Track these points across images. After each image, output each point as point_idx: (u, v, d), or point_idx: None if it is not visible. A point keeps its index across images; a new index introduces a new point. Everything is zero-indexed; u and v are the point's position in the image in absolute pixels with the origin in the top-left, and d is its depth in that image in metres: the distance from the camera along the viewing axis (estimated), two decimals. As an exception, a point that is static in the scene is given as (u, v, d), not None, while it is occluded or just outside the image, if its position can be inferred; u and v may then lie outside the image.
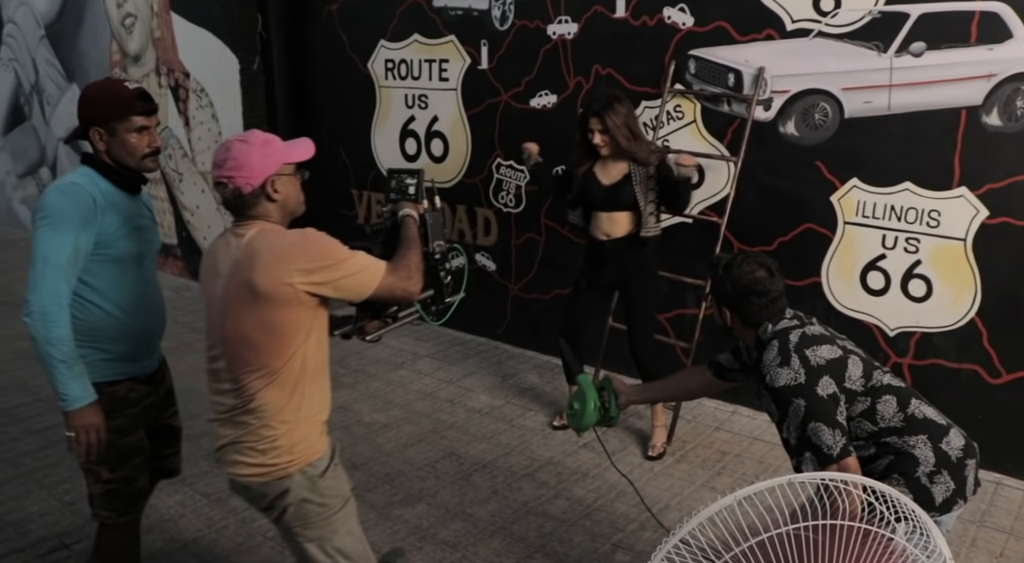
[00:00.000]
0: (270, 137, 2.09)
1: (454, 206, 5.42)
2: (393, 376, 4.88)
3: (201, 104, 6.51)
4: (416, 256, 2.14)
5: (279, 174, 2.05)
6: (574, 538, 3.21)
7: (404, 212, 2.27)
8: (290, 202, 2.10)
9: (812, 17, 3.78)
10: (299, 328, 2.00)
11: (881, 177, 3.72)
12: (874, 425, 2.12)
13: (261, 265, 1.95)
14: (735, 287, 2.24)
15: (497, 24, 4.91)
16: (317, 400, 2.09)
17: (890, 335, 3.81)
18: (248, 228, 2.04)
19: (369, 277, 2.02)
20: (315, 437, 2.10)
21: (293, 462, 2.05)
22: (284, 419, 2.03)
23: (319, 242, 1.99)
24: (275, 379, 2.01)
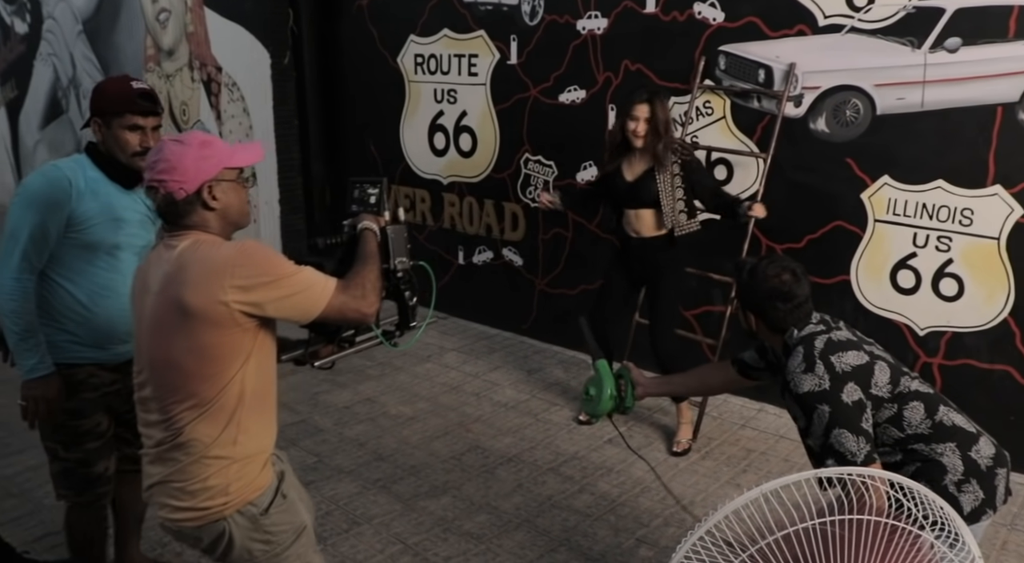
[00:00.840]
0: (210, 138, 1.91)
1: (482, 201, 5.44)
2: (419, 369, 4.91)
3: (233, 98, 6.58)
4: (373, 273, 1.93)
5: (219, 179, 1.86)
6: (598, 532, 3.22)
7: (363, 225, 2.07)
8: (231, 211, 1.90)
9: (845, 12, 3.74)
10: (235, 353, 1.80)
11: (913, 174, 3.68)
12: (900, 432, 2.09)
13: (192, 281, 1.75)
14: (759, 292, 2.22)
15: (527, 19, 4.92)
16: (257, 433, 1.88)
17: (920, 334, 3.77)
18: (181, 239, 1.84)
19: (316, 296, 1.81)
20: (255, 473, 1.87)
21: (229, 504, 1.84)
22: (218, 455, 1.82)
23: (259, 255, 1.79)
24: (207, 410, 1.80)
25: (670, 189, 3.65)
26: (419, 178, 5.81)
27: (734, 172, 4.21)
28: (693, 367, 3.92)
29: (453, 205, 5.63)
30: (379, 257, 2.01)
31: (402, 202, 5.96)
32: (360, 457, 3.82)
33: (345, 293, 1.84)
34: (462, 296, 5.70)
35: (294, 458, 3.80)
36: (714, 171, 4.28)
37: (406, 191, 5.92)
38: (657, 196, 3.65)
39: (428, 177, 5.76)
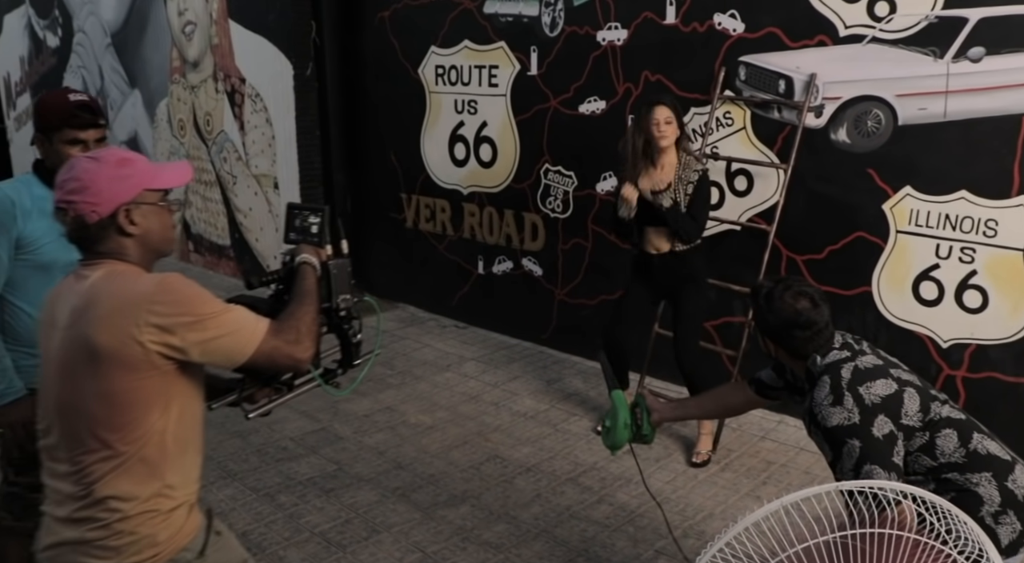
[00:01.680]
0: (130, 156, 1.72)
1: (502, 211, 5.46)
2: (439, 378, 4.92)
3: (256, 108, 6.65)
4: (309, 315, 1.75)
5: (138, 202, 1.66)
6: (616, 543, 3.21)
7: (301, 258, 1.87)
8: (152, 238, 1.70)
9: (866, 23, 3.73)
10: (152, 400, 1.61)
11: (936, 185, 3.66)
12: (933, 460, 2.02)
13: (103, 317, 1.56)
14: (777, 320, 2.14)
15: (547, 30, 4.94)
16: (184, 481, 1.71)
17: (943, 347, 3.74)
18: (94, 269, 1.65)
19: (244, 340, 1.64)
20: (183, 519, 1.71)
21: (160, 554, 1.67)
22: (141, 511, 1.64)
23: (182, 291, 1.60)
24: (123, 463, 1.61)
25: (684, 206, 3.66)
26: (439, 188, 5.84)
27: (754, 183, 4.20)
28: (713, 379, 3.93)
29: (473, 215, 5.66)
30: (318, 295, 1.83)
31: (423, 212, 5.99)
32: (379, 465, 3.84)
33: (277, 337, 1.68)
34: (481, 306, 5.72)
35: (314, 466, 3.82)
36: (734, 182, 4.27)
37: (426, 201, 5.95)
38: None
39: (448, 187, 5.79)
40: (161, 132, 7.85)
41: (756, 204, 4.20)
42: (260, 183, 6.78)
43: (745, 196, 4.23)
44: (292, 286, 1.83)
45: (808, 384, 2.16)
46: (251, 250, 7.05)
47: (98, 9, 8.28)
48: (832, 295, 3.95)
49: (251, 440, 4.10)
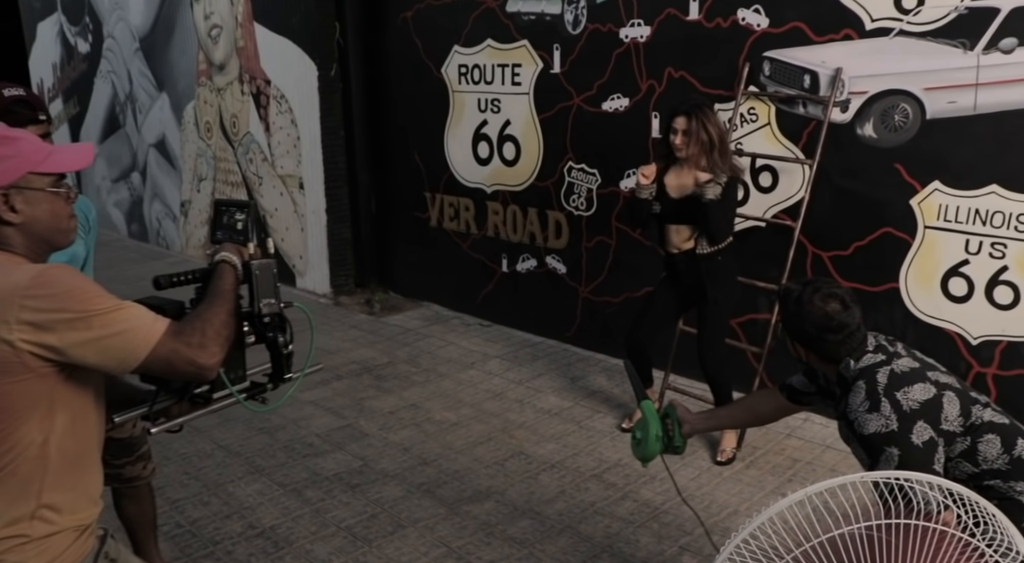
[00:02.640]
0: (13, 135, 1.51)
1: (525, 209, 5.47)
2: (464, 376, 4.94)
3: (281, 110, 6.72)
4: (218, 316, 1.54)
5: (21, 187, 1.47)
6: (641, 539, 3.20)
7: (221, 256, 1.67)
8: (38, 227, 1.50)
9: (893, 15, 3.69)
10: (26, 406, 1.42)
11: (965, 180, 3.61)
12: (975, 466, 1.96)
13: None
14: (807, 324, 2.06)
15: (570, 28, 4.94)
16: (72, 504, 1.51)
17: (973, 344, 3.69)
18: None
19: (136, 340, 1.43)
20: (62, 548, 1.51)
21: None
22: (13, 535, 1.45)
23: (62, 285, 1.40)
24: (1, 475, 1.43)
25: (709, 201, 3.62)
26: (463, 187, 5.86)
27: (779, 179, 4.17)
28: (739, 381, 3.91)
29: (497, 213, 5.67)
30: (233, 296, 1.63)
31: (446, 211, 6.02)
32: (404, 461, 3.86)
33: (177, 339, 1.46)
34: (506, 304, 5.73)
35: (340, 462, 3.85)
36: (759, 178, 4.24)
37: (450, 200, 5.98)
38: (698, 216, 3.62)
39: (472, 186, 5.81)
40: (188, 134, 7.95)
41: (781, 200, 4.17)
42: (285, 184, 6.84)
43: (770, 192, 4.20)
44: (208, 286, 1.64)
45: (841, 389, 2.09)
46: (277, 250, 7.12)
47: (127, 15, 8.40)
48: (859, 292, 3.93)
49: (278, 436, 4.14)
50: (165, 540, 3.22)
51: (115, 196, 9.53)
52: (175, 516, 3.41)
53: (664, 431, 2.39)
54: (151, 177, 8.67)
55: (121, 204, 9.43)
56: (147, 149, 8.63)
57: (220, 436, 4.14)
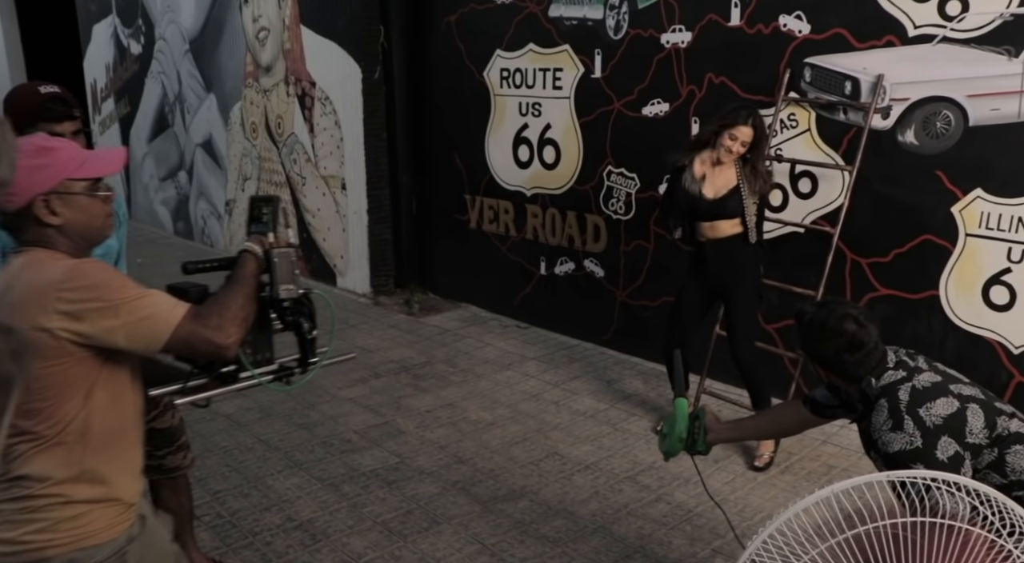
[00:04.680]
0: (52, 144, 1.64)
1: (564, 212, 5.51)
2: (500, 377, 5.00)
3: (325, 111, 6.84)
4: (236, 301, 1.67)
5: (59, 192, 1.60)
6: (673, 541, 3.23)
7: (244, 245, 1.83)
8: (76, 227, 1.64)
9: (936, 22, 3.67)
10: (69, 387, 1.57)
11: (1008, 187, 3.58)
12: (1003, 477, 1.95)
13: (15, 304, 1.55)
14: (824, 346, 2.08)
15: (611, 33, 4.98)
16: (109, 477, 1.64)
17: (1015, 353, 3.65)
18: (20, 256, 1.63)
19: (159, 324, 1.57)
20: (96, 521, 1.63)
21: (53, 543, 1.59)
22: (52, 493, 1.59)
23: (93, 277, 1.56)
24: (43, 445, 1.58)
25: (751, 202, 3.69)
26: (503, 190, 5.92)
27: (819, 185, 4.17)
28: (770, 378, 3.91)
29: (536, 216, 5.72)
30: (253, 282, 1.76)
31: (486, 213, 6.08)
32: (440, 459, 3.93)
33: (196, 321, 1.59)
34: (543, 306, 5.77)
35: (377, 458, 3.93)
36: (798, 184, 4.24)
37: (490, 202, 6.04)
38: (741, 208, 3.69)
39: (512, 189, 5.86)
40: (234, 135, 8.13)
41: (820, 206, 4.16)
42: (328, 184, 6.97)
43: (809, 198, 4.20)
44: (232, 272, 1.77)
45: (864, 407, 2.09)
46: (319, 250, 7.25)
47: (178, 17, 8.62)
48: (898, 299, 3.93)
49: (317, 432, 4.23)
50: (206, 530, 3.32)
51: (162, 194, 9.77)
52: (216, 507, 3.51)
53: (689, 433, 2.43)
54: (197, 176, 8.88)
55: (168, 202, 9.67)
56: (194, 149, 8.84)
57: (261, 431, 4.25)
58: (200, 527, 3.34)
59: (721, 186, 3.73)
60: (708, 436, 2.44)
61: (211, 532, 3.30)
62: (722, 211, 3.72)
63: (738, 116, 3.65)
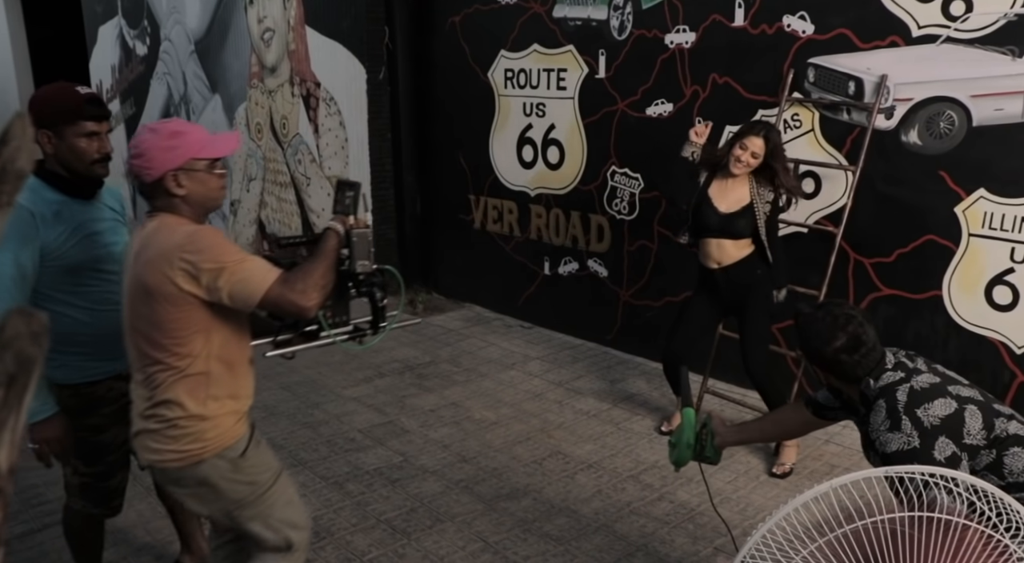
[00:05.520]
0: (182, 129, 2.00)
1: (568, 212, 5.53)
2: (504, 376, 5.01)
3: (330, 112, 6.87)
4: (318, 270, 1.98)
5: (186, 168, 1.96)
6: (676, 540, 3.23)
7: (328, 224, 2.15)
8: (196, 198, 2.00)
9: (940, 22, 3.68)
10: (191, 328, 1.94)
11: (1012, 187, 3.58)
12: (1001, 479, 1.95)
13: (149, 261, 1.91)
14: (823, 347, 2.09)
15: (615, 34, 4.99)
16: (229, 396, 2.06)
17: (1017, 353, 3.65)
18: (153, 220, 2.00)
19: (254, 285, 1.89)
20: (230, 425, 2.07)
21: (207, 448, 2.03)
22: (192, 413, 2.00)
23: (207, 242, 1.90)
24: (179, 375, 1.98)
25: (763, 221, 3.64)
26: (507, 190, 5.94)
27: (822, 185, 4.17)
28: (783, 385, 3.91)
29: (540, 217, 5.74)
30: (334, 256, 2.07)
31: (490, 213, 6.09)
32: (444, 458, 3.94)
33: (284, 285, 1.91)
34: (547, 306, 5.79)
35: (381, 457, 3.95)
36: (802, 184, 4.25)
37: (494, 202, 6.05)
38: (754, 228, 3.64)
39: (516, 189, 5.88)
40: (239, 135, 8.16)
41: (823, 206, 4.17)
42: (333, 184, 6.98)
43: (813, 198, 4.20)
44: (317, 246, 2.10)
45: (864, 408, 2.11)
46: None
47: (183, 18, 8.65)
48: (901, 299, 3.94)
49: (321, 431, 4.25)
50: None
51: (169, 195, 9.80)
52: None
53: (697, 441, 2.45)
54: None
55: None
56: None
57: (265, 429, 4.27)
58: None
59: (734, 202, 3.65)
60: (716, 440, 2.46)
61: (216, 529, 3.32)
62: (731, 228, 3.64)
63: (751, 128, 3.60)
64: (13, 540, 3.26)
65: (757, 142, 3.54)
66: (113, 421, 2.48)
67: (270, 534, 2.19)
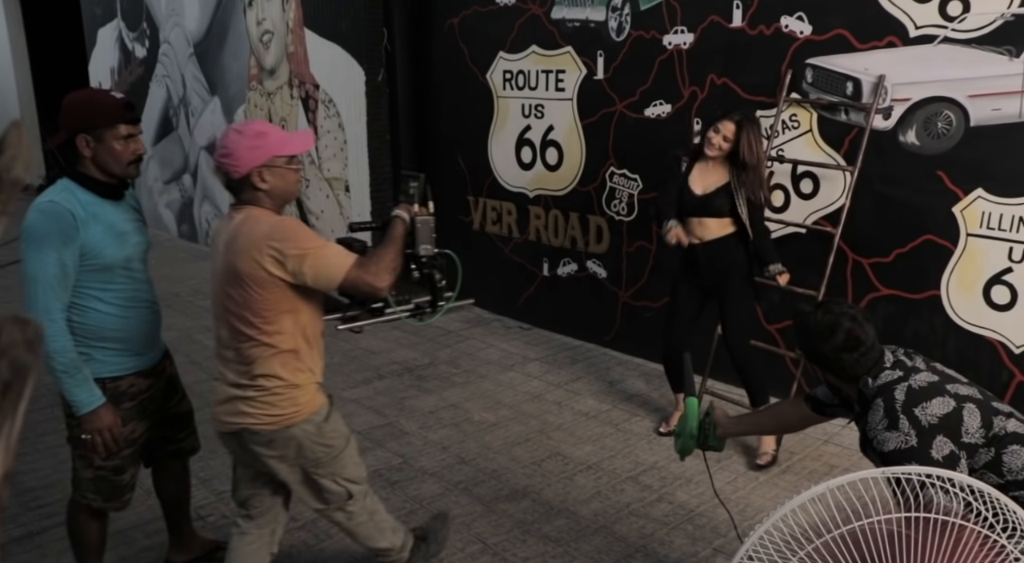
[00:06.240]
0: (265, 130, 2.24)
1: (567, 214, 5.53)
2: (503, 377, 5.01)
3: (329, 114, 6.87)
4: (389, 255, 2.24)
5: (268, 165, 2.20)
6: (675, 541, 3.23)
7: (395, 212, 2.38)
8: (277, 191, 2.25)
9: (938, 23, 3.68)
10: (280, 308, 2.20)
11: (1010, 187, 3.59)
12: (1000, 477, 1.95)
13: (240, 250, 2.16)
14: (822, 346, 2.10)
15: (613, 35, 5.00)
16: (310, 367, 2.33)
17: (1016, 352, 3.66)
18: (239, 212, 2.24)
19: (334, 269, 2.16)
20: (312, 394, 2.35)
21: (298, 413, 2.31)
22: (290, 382, 2.28)
23: (292, 231, 2.17)
24: (276, 351, 2.25)
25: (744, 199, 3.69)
26: (506, 191, 5.94)
27: (820, 186, 4.18)
28: (766, 375, 3.92)
29: (539, 218, 5.74)
30: (402, 241, 2.32)
31: (489, 215, 6.10)
32: (443, 460, 3.94)
33: (360, 268, 2.17)
34: (546, 307, 5.79)
35: (380, 459, 3.95)
36: (800, 185, 4.25)
37: (493, 204, 6.06)
38: (732, 206, 3.70)
39: (515, 190, 5.88)
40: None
41: (822, 207, 4.17)
42: (332, 186, 6.99)
43: (811, 199, 4.21)
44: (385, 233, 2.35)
45: (862, 407, 2.11)
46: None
47: (183, 21, 8.66)
48: (899, 299, 3.94)
49: (321, 432, 4.24)
50: (211, 530, 3.33)
51: (167, 197, 9.81)
52: (220, 507, 3.53)
53: (700, 430, 2.51)
54: (202, 179, 8.92)
55: (172, 205, 9.70)
56: (198, 152, 8.88)
57: (266, 430, 4.26)
58: (205, 527, 3.36)
59: (710, 183, 3.74)
60: (718, 431, 2.51)
61: (216, 532, 3.32)
62: (709, 208, 3.73)
63: (727, 114, 3.71)
64: (12, 543, 3.26)
65: (729, 126, 3.63)
66: (133, 416, 2.57)
67: (336, 488, 2.48)
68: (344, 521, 2.60)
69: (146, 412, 2.64)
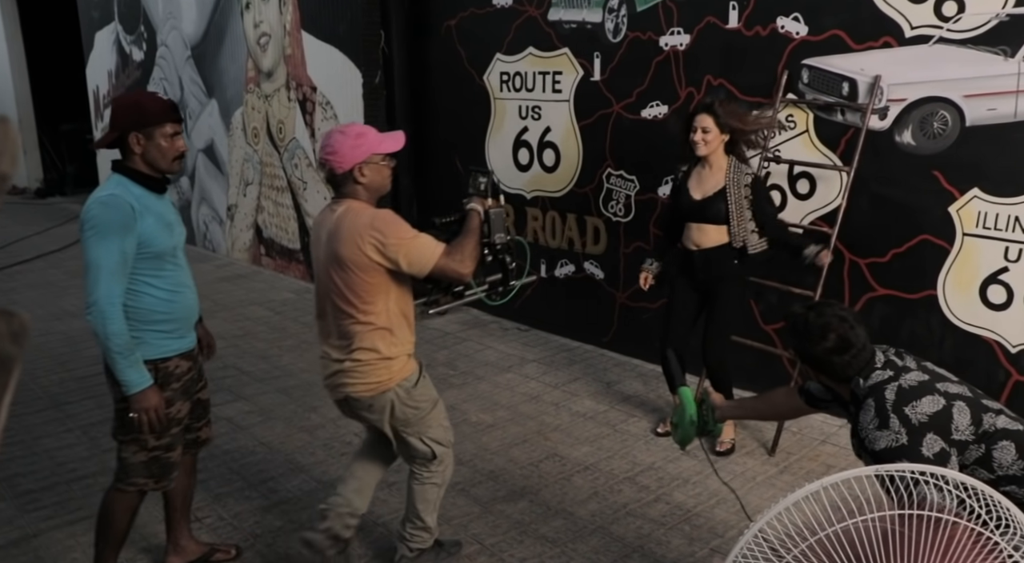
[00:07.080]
0: (365, 130, 2.54)
1: (564, 215, 5.53)
2: (500, 379, 5.01)
3: (326, 116, 6.87)
4: (470, 244, 2.53)
5: (367, 162, 2.51)
6: (672, 541, 3.23)
7: (470, 206, 2.66)
8: (375, 185, 2.56)
9: (933, 23, 3.69)
10: (378, 289, 2.52)
11: (1005, 187, 3.59)
12: (990, 473, 1.98)
13: (344, 239, 2.47)
14: (814, 347, 2.12)
15: (610, 36, 5.00)
16: (402, 340, 2.65)
17: (1012, 352, 3.66)
18: (340, 205, 2.54)
19: (426, 257, 2.46)
20: (404, 362, 2.67)
21: (392, 379, 2.64)
22: (382, 355, 2.60)
23: (390, 223, 2.47)
24: (370, 326, 2.57)
25: (738, 210, 3.69)
26: (503, 193, 5.92)
27: (817, 186, 4.18)
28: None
29: (536, 219, 5.74)
30: (479, 232, 2.60)
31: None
32: (441, 461, 3.93)
33: (447, 257, 2.47)
34: (544, 309, 5.79)
35: (378, 460, 3.94)
36: (796, 185, 4.26)
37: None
38: (726, 214, 3.70)
39: (512, 192, 5.88)
40: (236, 140, 8.16)
41: (818, 207, 4.18)
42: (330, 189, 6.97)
43: (807, 199, 4.21)
44: (463, 225, 2.62)
45: (854, 407, 2.13)
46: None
47: (180, 24, 8.66)
48: (896, 299, 3.94)
49: (318, 435, 4.24)
50: (208, 532, 3.33)
51: (166, 200, 9.79)
52: (218, 509, 3.53)
53: (699, 416, 2.56)
54: (199, 181, 8.91)
55: (171, 208, 9.69)
56: (196, 154, 8.87)
57: (262, 434, 4.26)
58: (202, 529, 3.35)
59: (708, 188, 3.75)
60: (716, 414, 2.58)
61: (213, 534, 3.32)
62: (706, 214, 3.73)
63: (696, 108, 3.74)
64: (9, 546, 3.26)
65: (705, 119, 3.65)
66: (178, 396, 2.71)
67: (423, 447, 2.77)
68: (424, 477, 2.85)
69: (188, 393, 2.78)
